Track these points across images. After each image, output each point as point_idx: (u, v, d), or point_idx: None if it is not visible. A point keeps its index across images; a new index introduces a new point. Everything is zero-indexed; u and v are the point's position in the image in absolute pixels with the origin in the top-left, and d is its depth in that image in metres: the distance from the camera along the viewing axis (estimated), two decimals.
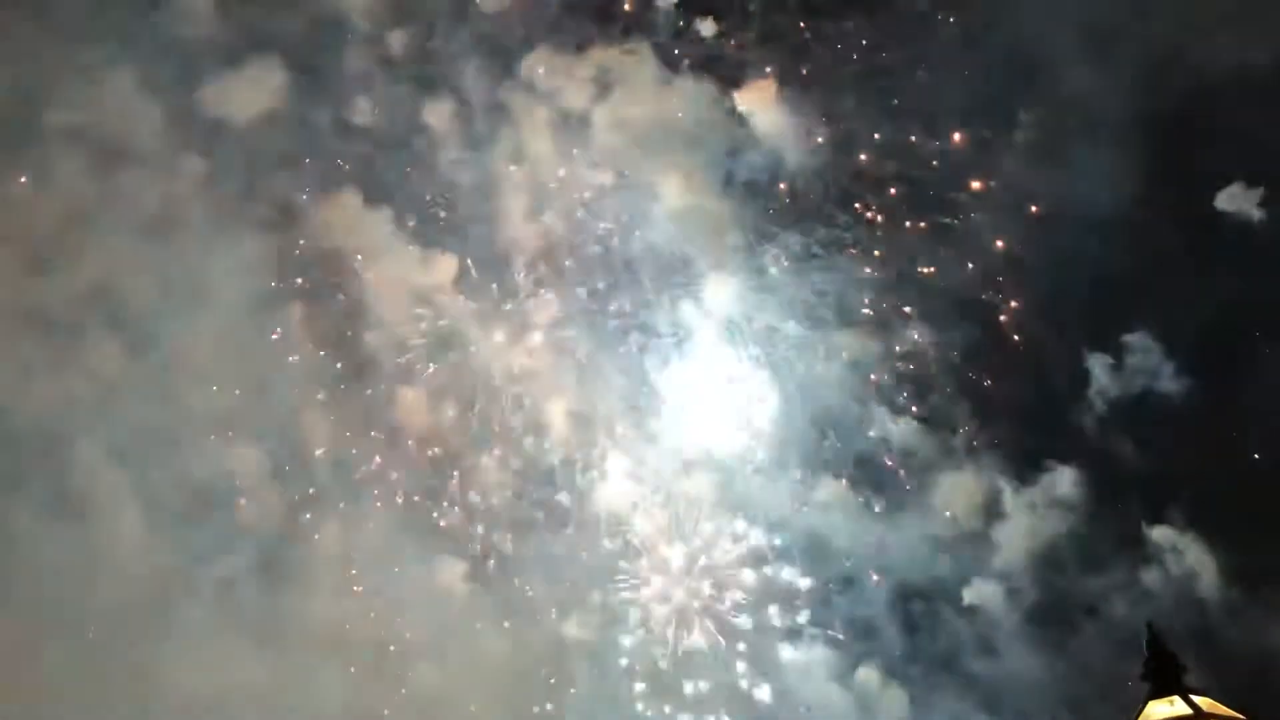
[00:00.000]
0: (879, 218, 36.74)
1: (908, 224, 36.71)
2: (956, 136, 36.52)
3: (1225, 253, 34.73)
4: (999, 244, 36.35)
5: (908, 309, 36.63)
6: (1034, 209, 36.20)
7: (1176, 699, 23.49)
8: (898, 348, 36.61)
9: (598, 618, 36.12)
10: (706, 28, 37.47)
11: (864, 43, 36.90)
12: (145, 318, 35.01)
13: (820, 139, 37.03)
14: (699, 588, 36.34)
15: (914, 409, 36.40)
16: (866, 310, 36.68)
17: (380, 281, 36.74)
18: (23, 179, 34.89)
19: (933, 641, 34.83)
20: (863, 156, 36.96)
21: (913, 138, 36.72)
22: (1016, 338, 36.23)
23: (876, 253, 36.78)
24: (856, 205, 36.84)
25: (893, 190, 36.80)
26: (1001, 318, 36.19)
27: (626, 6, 37.63)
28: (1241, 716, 23.32)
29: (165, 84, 35.27)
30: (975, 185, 36.38)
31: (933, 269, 36.67)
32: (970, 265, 36.43)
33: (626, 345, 37.26)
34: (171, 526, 34.30)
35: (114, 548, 33.80)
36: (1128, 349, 35.42)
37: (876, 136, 36.83)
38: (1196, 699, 23.40)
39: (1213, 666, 28.08)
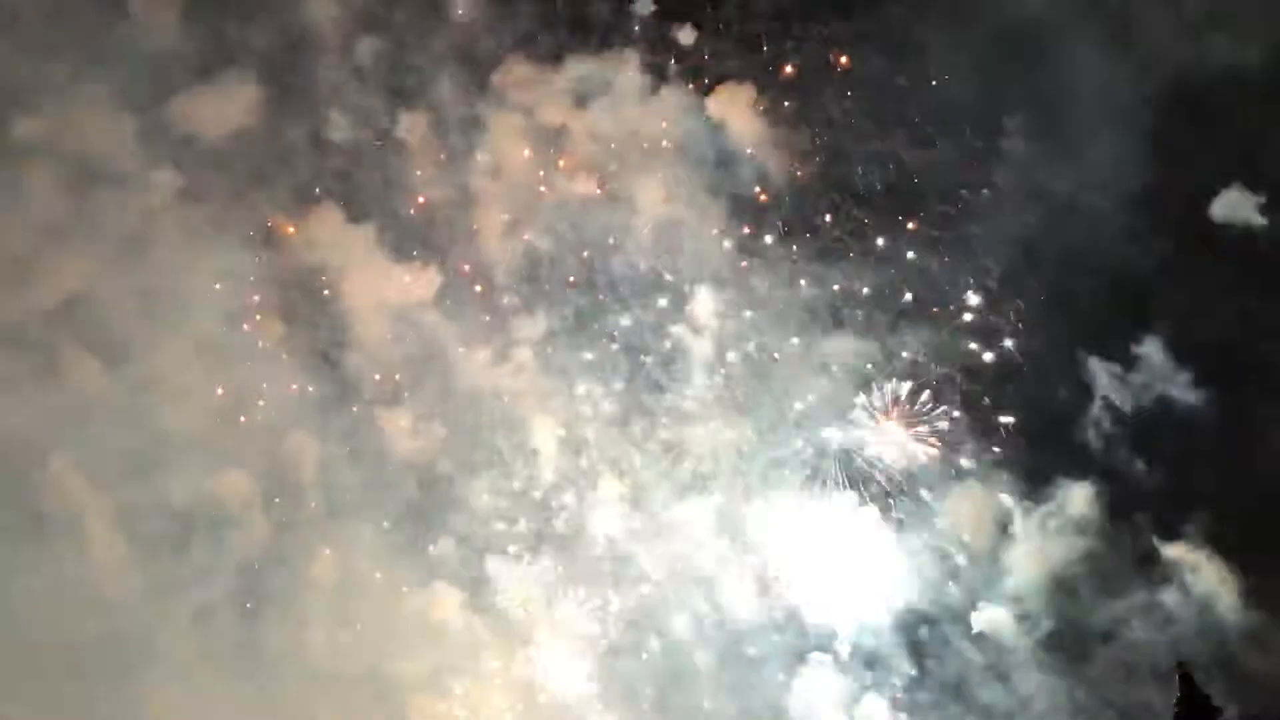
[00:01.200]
0: (871, 230, 35.17)
1: (902, 236, 35.11)
2: (948, 145, 35.02)
3: (1231, 259, 33.29)
4: (998, 254, 34.85)
5: (905, 322, 35.01)
6: (1031, 217, 34.69)
7: None
8: (896, 362, 34.90)
9: (599, 646, 34.72)
10: (685, 36, 35.71)
11: (847, 49, 35.43)
12: (121, 335, 33.75)
13: (808, 148, 35.52)
14: (700, 615, 34.66)
15: (915, 425, 34.69)
16: (862, 324, 35.06)
17: (361, 299, 35.17)
18: None
19: (941, 669, 33.15)
20: (852, 165, 35.44)
21: (904, 147, 35.17)
22: (1019, 350, 34.61)
23: (870, 265, 35.07)
24: (847, 216, 35.28)
25: (885, 201, 35.22)
26: (1004, 329, 34.60)
27: (603, 16, 35.93)
28: None
29: (137, 98, 33.92)
30: (968, 194, 34.97)
31: (929, 281, 35.04)
32: (971, 278, 34.86)
33: (615, 362, 35.60)
34: (151, 550, 33.08)
35: (89, 572, 32.62)
36: (1138, 360, 33.79)
37: (866, 145, 35.23)
38: None
39: (1236, 692, 27.29)
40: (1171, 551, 32.23)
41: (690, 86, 35.57)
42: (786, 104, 35.35)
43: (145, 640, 32.45)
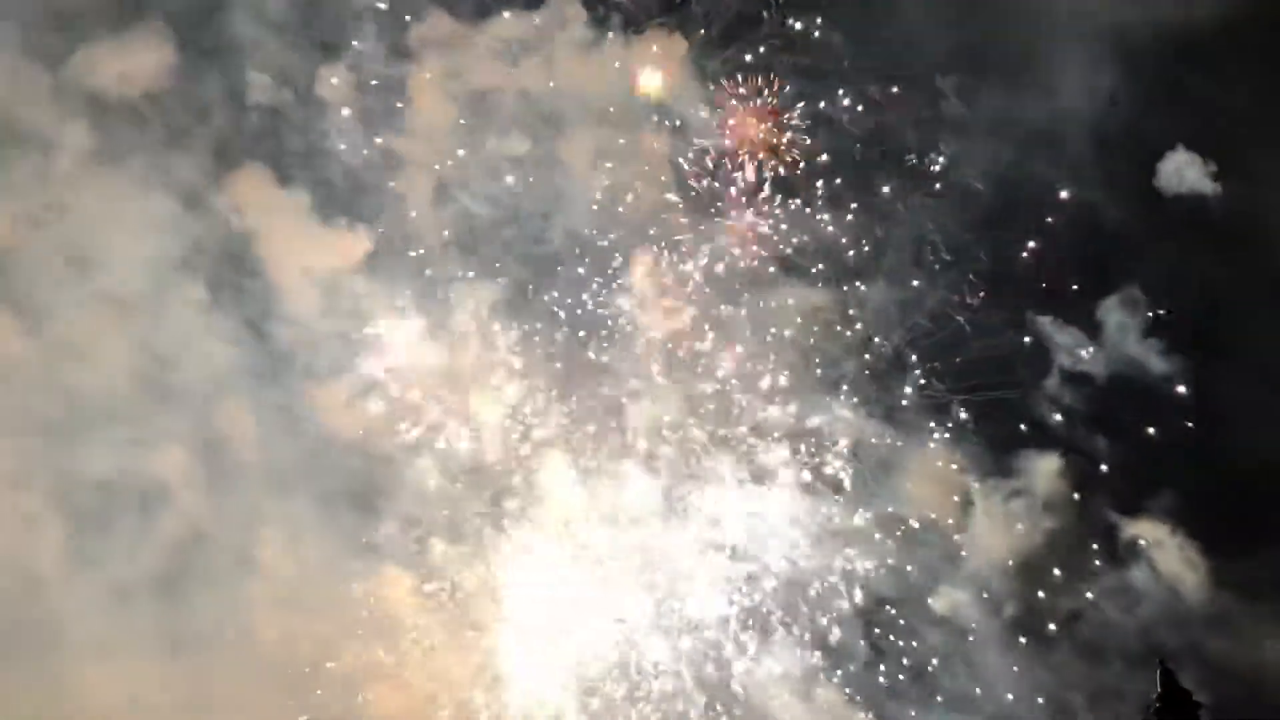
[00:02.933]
0: (818, 196, 33.42)
1: (851, 202, 33.31)
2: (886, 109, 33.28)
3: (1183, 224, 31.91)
4: (947, 220, 33.12)
5: (854, 292, 33.32)
6: (979, 183, 32.99)
7: None
8: (846, 335, 33.27)
9: (555, 630, 33.02)
10: None
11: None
12: (40, 297, 31.85)
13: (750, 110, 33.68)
14: (654, 598, 33.02)
15: (867, 398, 33.15)
16: (808, 295, 33.35)
17: (289, 266, 33.09)
18: None
19: (900, 653, 31.69)
20: (796, 129, 33.61)
21: (841, 109, 33.39)
22: (971, 321, 32.88)
23: (815, 233, 33.42)
24: (793, 184, 33.53)
25: (829, 165, 33.44)
26: (955, 298, 32.90)
27: None
28: None
29: (44, 53, 31.92)
30: (913, 159, 33.25)
31: (877, 248, 33.35)
32: (924, 248, 33.12)
33: (558, 336, 33.75)
34: (72, 523, 31.12)
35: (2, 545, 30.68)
36: (1100, 327, 32.17)
37: (808, 107, 33.47)
38: None
39: (1207, 680, 26.16)
40: (1138, 531, 30.92)
41: (624, 44, 33.62)
42: (724, 63, 33.65)
43: (67, 620, 30.67)
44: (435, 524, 33.17)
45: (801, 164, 33.38)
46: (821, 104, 33.22)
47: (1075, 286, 32.39)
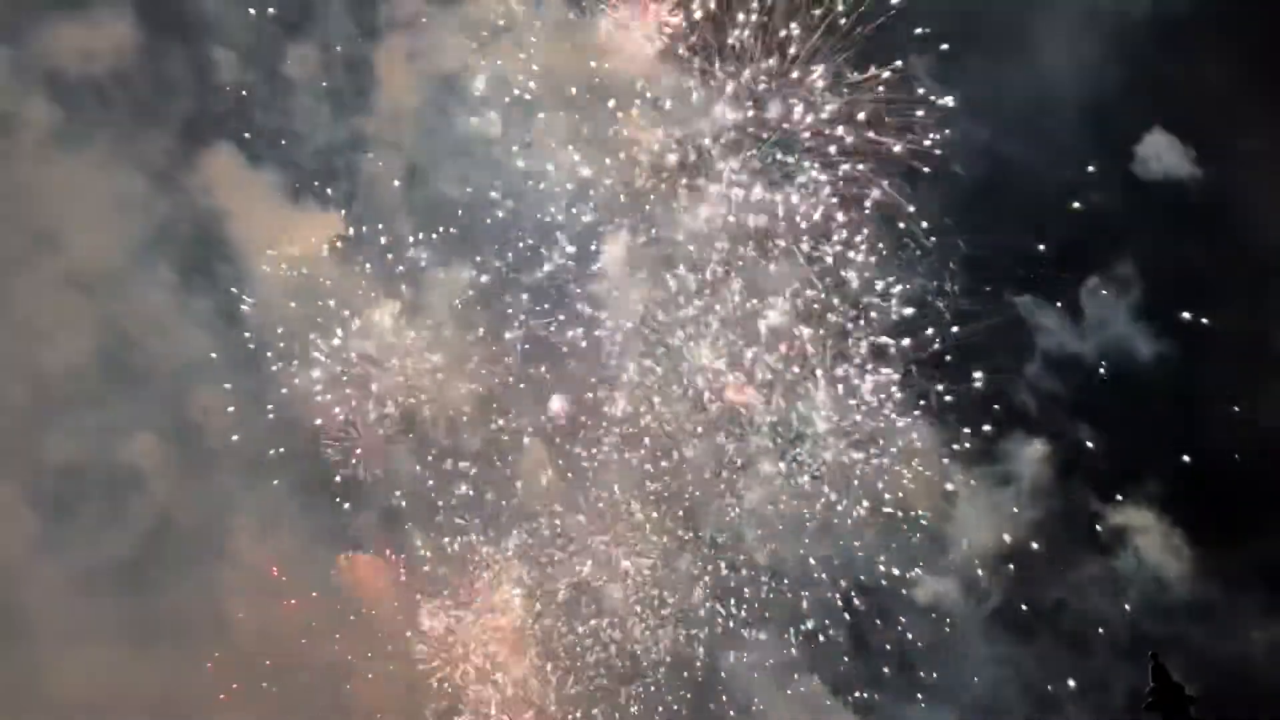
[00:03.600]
0: (799, 184, 32.52)
1: (835, 190, 32.40)
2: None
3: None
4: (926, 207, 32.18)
5: (834, 282, 32.55)
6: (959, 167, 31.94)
7: None
8: (828, 325, 32.52)
9: (537, 623, 32.77)
10: None
11: None
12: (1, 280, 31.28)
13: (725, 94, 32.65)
14: (632, 586, 32.67)
15: (848, 385, 32.40)
16: (790, 280, 32.50)
17: (261, 250, 32.48)
18: None
19: (882, 644, 31.36)
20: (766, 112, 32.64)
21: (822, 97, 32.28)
22: (952, 309, 32.08)
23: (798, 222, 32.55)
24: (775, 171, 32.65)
25: (812, 153, 32.43)
26: (935, 284, 32.07)
27: None
28: None
29: (5, 28, 31.23)
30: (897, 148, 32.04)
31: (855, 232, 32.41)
32: (906, 238, 32.22)
33: (533, 321, 33.03)
34: (38, 512, 30.65)
35: None
36: (1085, 306, 31.64)
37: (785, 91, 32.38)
38: None
39: (1194, 670, 25.47)
40: (1123, 519, 30.46)
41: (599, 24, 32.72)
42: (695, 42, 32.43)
43: (35, 607, 30.26)
44: (410, 511, 32.73)
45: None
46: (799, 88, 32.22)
47: (1057, 271, 31.71)
